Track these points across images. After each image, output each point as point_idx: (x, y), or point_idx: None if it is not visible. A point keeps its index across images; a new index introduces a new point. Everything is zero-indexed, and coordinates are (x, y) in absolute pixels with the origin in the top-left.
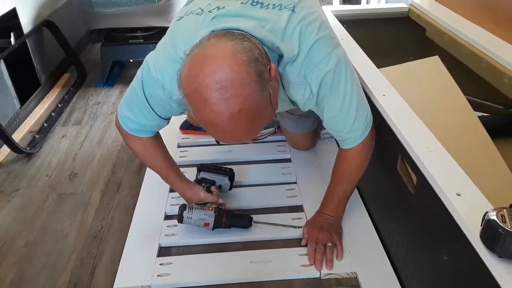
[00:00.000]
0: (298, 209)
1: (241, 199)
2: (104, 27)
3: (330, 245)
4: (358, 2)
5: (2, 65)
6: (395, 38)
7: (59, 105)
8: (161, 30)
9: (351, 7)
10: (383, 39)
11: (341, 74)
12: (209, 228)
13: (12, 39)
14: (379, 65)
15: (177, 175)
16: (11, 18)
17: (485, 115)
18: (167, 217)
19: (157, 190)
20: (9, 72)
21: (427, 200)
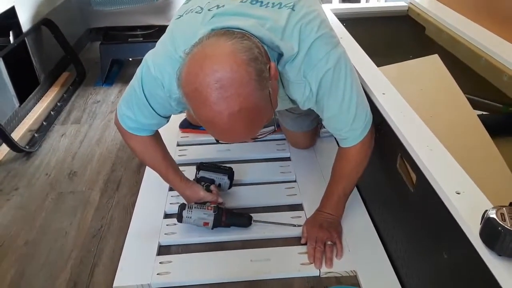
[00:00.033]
0: (297, 207)
1: (240, 198)
2: (103, 25)
3: (330, 243)
4: (358, 0)
5: (1, 63)
6: (395, 37)
7: (58, 103)
8: (160, 29)
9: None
10: (383, 37)
11: (341, 72)
12: (209, 227)
13: (11, 38)
14: (379, 64)
15: (176, 174)
16: (10, 16)
17: (484, 113)
18: (166, 215)
19: (157, 189)
20: (8, 71)
21: (426, 199)
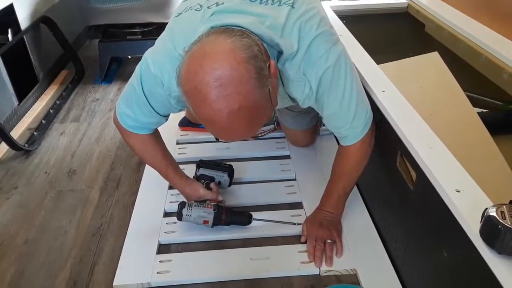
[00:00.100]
0: (297, 206)
1: (240, 196)
2: (102, 23)
3: (330, 242)
4: None
5: None
6: (394, 34)
7: (57, 102)
8: (159, 26)
9: (350, 3)
10: (382, 35)
11: (341, 70)
12: (209, 225)
13: (9, 36)
14: (378, 61)
15: (176, 172)
16: (8, 14)
17: (484, 111)
18: (166, 214)
19: (156, 187)
20: (6, 69)
21: (426, 197)
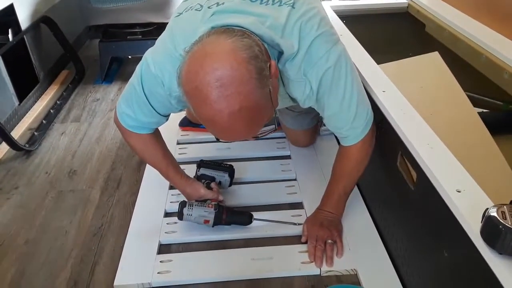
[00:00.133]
0: (298, 206)
1: (241, 196)
2: (102, 23)
3: (330, 242)
4: None
5: (0, 62)
6: (395, 34)
7: (57, 102)
8: (159, 26)
9: (350, 3)
10: (383, 34)
11: (341, 71)
12: (209, 225)
13: (10, 36)
14: (379, 61)
15: (177, 172)
16: (8, 14)
17: (484, 111)
18: (167, 214)
19: (157, 187)
20: (7, 69)
21: (427, 197)
